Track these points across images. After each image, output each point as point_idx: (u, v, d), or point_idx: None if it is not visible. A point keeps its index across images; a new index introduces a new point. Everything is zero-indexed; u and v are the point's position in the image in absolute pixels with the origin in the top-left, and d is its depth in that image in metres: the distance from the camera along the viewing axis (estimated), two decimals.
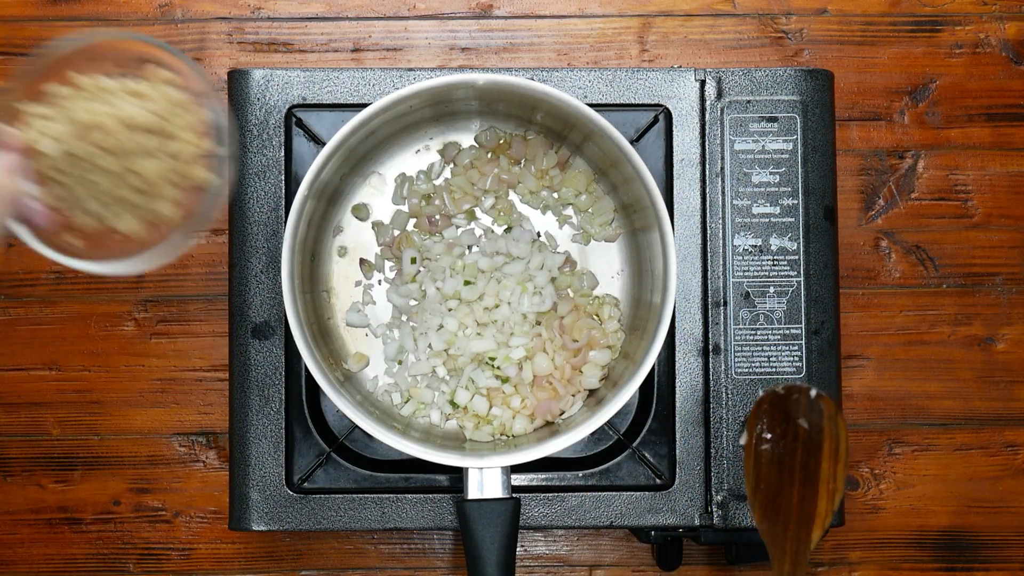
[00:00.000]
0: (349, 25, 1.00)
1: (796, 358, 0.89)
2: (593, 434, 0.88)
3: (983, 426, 0.99)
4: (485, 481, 0.82)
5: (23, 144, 0.65)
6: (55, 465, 0.97)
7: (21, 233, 0.67)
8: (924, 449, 0.99)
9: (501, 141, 0.92)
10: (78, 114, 0.65)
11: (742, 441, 0.85)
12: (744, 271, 0.90)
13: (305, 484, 0.89)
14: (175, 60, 0.68)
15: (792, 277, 0.90)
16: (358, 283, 0.92)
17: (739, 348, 0.89)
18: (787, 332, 0.90)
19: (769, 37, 1.01)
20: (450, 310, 0.90)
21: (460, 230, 0.92)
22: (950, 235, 1.00)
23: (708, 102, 0.91)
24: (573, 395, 0.90)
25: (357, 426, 0.82)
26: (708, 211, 0.91)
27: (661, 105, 0.91)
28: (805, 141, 0.91)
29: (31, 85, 0.67)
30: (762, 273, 0.90)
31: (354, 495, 0.89)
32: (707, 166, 0.91)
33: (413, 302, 0.91)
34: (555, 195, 0.92)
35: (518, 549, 0.97)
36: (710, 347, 0.90)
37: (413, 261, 0.90)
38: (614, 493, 0.89)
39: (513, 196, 0.93)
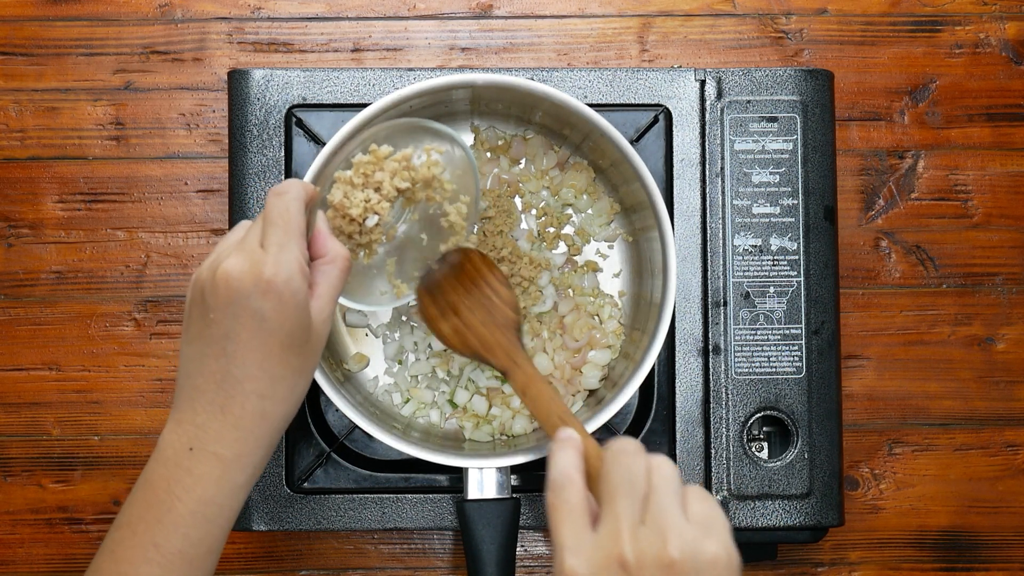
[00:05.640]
0: (349, 25, 1.00)
1: (796, 358, 0.89)
2: (593, 434, 0.87)
3: (983, 426, 0.99)
4: (485, 481, 0.82)
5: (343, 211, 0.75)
6: (55, 465, 0.97)
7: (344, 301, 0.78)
8: (924, 449, 0.99)
9: (501, 141, 0.92)
10: (385, 187, 0.76)
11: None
12: (744, 271, 0.90)
13: (305, 484, 0.89)
14: (441, 130, 0.78)
15: (792, 277, 0.90)
16: None
17: (739, 348, 0.89)
18: (787, 332, 0.90)
19: (769, 37, 1.01)
20: None
21: None
22: (950, 235, 1.00)
23: (708, 102, 0.91)
24: (573, 395, 0.90)
25: (357, 426, 0.81)
26: (708, 211, 0.90)
27: (661, 105, 0.91)
28: (805, 141, 0.91)
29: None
30: (762, 273, 0.90)
31: (354, 495, 0.89)
32: (707, 166, 0.91)
33: (413, 302, 0.91)
34: (555, 195, 0.92)
35: (518, 549, 0.97)
36: (710, 347, 0.90)
37: None
38: None
39: None
